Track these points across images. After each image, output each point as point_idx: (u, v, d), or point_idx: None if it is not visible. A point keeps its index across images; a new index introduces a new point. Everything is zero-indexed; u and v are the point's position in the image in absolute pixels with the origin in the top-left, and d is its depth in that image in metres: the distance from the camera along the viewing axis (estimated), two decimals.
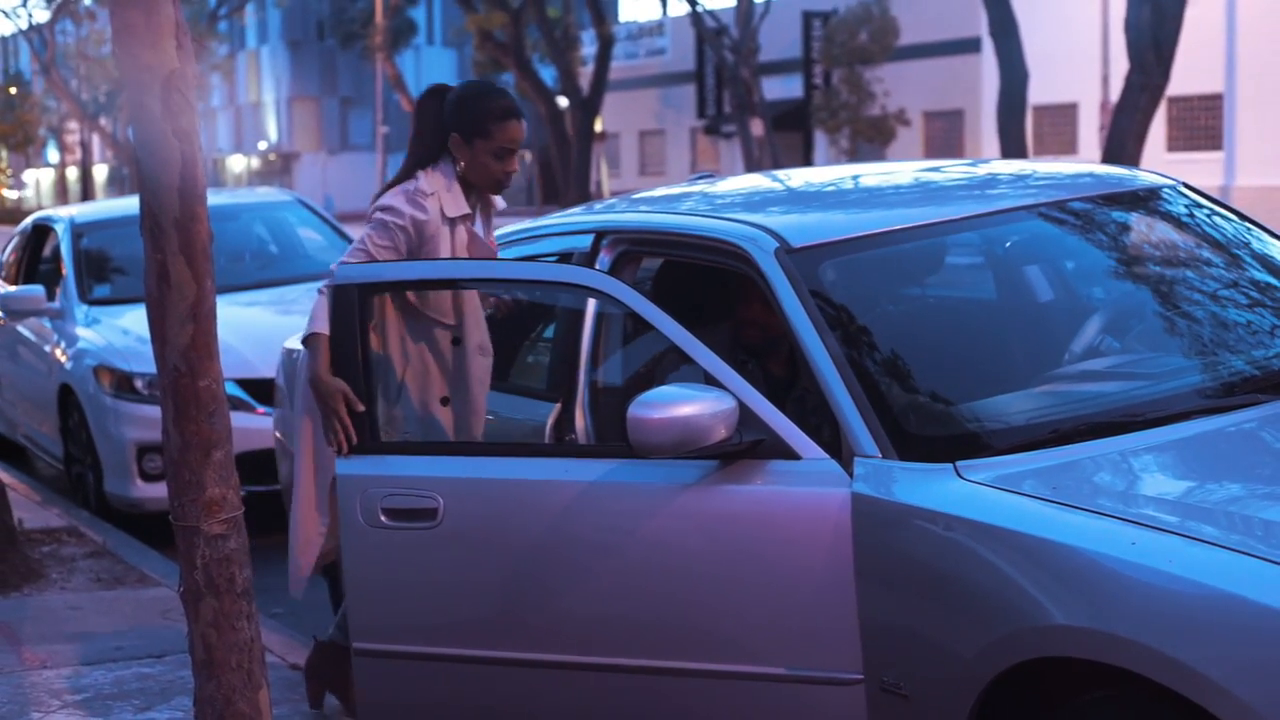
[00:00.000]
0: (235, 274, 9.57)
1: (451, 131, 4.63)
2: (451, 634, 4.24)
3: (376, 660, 4.32)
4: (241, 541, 3.91)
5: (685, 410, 3.67)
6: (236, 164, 72.25)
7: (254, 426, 7.76)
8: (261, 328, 8.43)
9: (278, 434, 6.10)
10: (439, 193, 4.61)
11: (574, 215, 5.22)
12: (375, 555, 4.26)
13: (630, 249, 4.65)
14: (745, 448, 3.75)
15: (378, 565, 4.27)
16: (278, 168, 68.50)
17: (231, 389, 7.43)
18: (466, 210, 4.65)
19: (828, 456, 3.69)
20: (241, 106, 71.44)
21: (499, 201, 4.84)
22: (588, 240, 4.78)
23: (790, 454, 3.73)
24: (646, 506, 3.92)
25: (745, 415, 3.76)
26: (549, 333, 5.09)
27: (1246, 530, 3.14)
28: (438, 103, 4.70)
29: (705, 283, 4.69)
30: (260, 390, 7.91)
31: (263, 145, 69.85)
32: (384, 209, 4.58)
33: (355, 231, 5.95)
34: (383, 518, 4.23)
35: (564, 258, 4.86)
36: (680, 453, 3.71)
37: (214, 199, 4.69)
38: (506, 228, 5.43)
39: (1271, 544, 3.05)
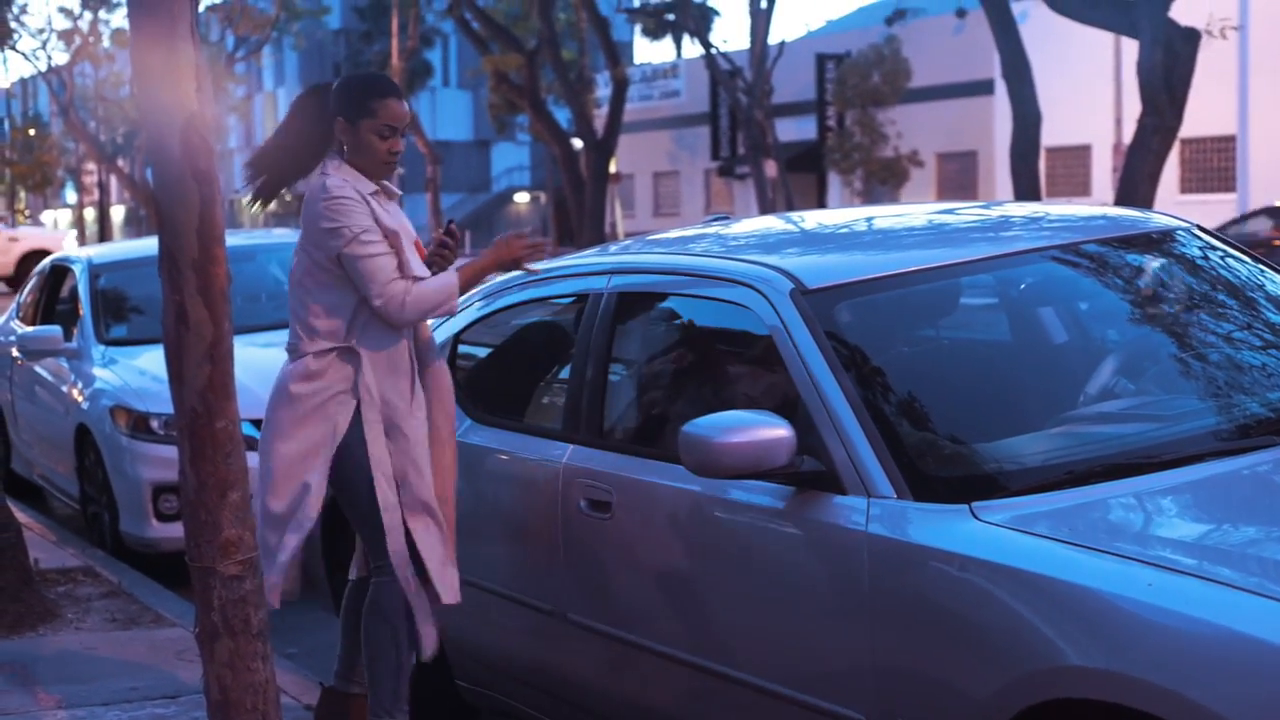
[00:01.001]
0: (252, 314, 9.58)
1: (336, 118, 4.67)
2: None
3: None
4: (257, 583, 3.92)
5: (756, 435, 3.76)
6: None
7: None
8: (278, 369, 8.44)
9: None
10: (340, 173, 4.63)
11: (589, 256, 5.25)
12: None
13: (645, 290, 4.68)
14: (804, 477, 3.84)
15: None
16: (294, 209, 68.66)
17: (248, 429, 7.44)
18: (373, 186, 4.67)
19: (864, 494, 3.73)
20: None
21: (393, 187, 4.81)
22: (603, 281, 4.81)
23: (840, 488, 3.78)
24: (707, 516, 4.14)
25: (813, 445, 3.84)
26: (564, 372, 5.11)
27: (1263, 572, 3.14)
28: (317, 100, 4.76)
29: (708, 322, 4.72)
30: None
31: None
32: (329, 204, 4.56)
33: None
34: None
35: (579, 300, 4.89)
36: (739, 475, 3.81)
37: (231, 240, 4.73)
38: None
39: None
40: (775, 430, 3.79)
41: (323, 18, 55.77)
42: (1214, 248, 4.81)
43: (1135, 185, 18.73)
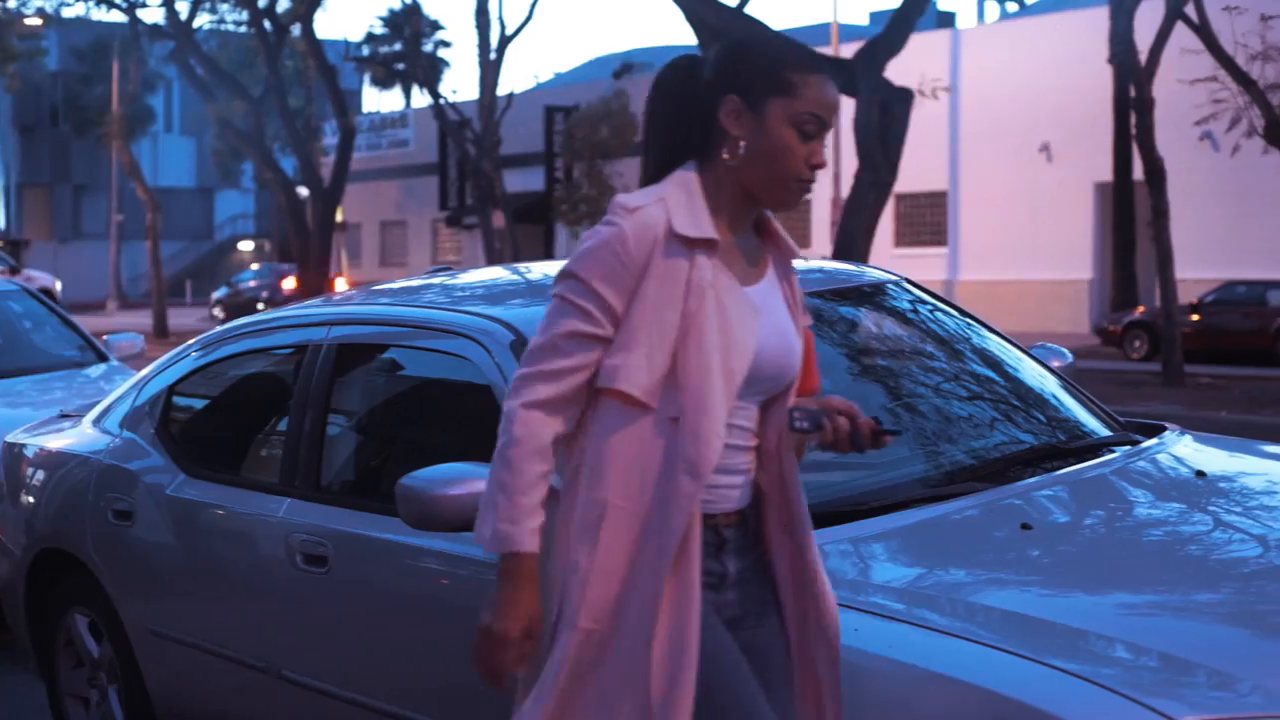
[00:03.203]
0: None
1: (726, 94, 2.96)
2: None
3: None
4: None
5: (474, 487, 3.66)
6: None
7: None
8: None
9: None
10: (665, 200, 2.94)
11: (311, 306, 5.18)
12: None
13: (365, 341, 4.65)
14: None
15: None
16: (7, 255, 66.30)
17: None
18: (710, 233, 2.92)
19: None
20: None
21: (785, 238, 3.13)
22: (323, 332, 4.75)
23: None
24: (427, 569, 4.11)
25: None
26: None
27: (968, 616, 3.24)
28: (687, 77, 3.04)
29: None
30: None
31: None
32: (564, 275, 2.97)
33: (86, 322, 5.78)
34: None
35: (299, 350, 4.83)
36: (457, 528, 3.73)
37: None
38: (241, 319, 5.37)
39: (991, 628, 3.15)
40: None
41: (40, 59, 54.13)
42: (923, 301, 4.98)
43: (852, 239, 19.29)
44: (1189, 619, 3.29)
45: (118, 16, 43.07)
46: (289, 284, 41.78)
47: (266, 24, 37.20)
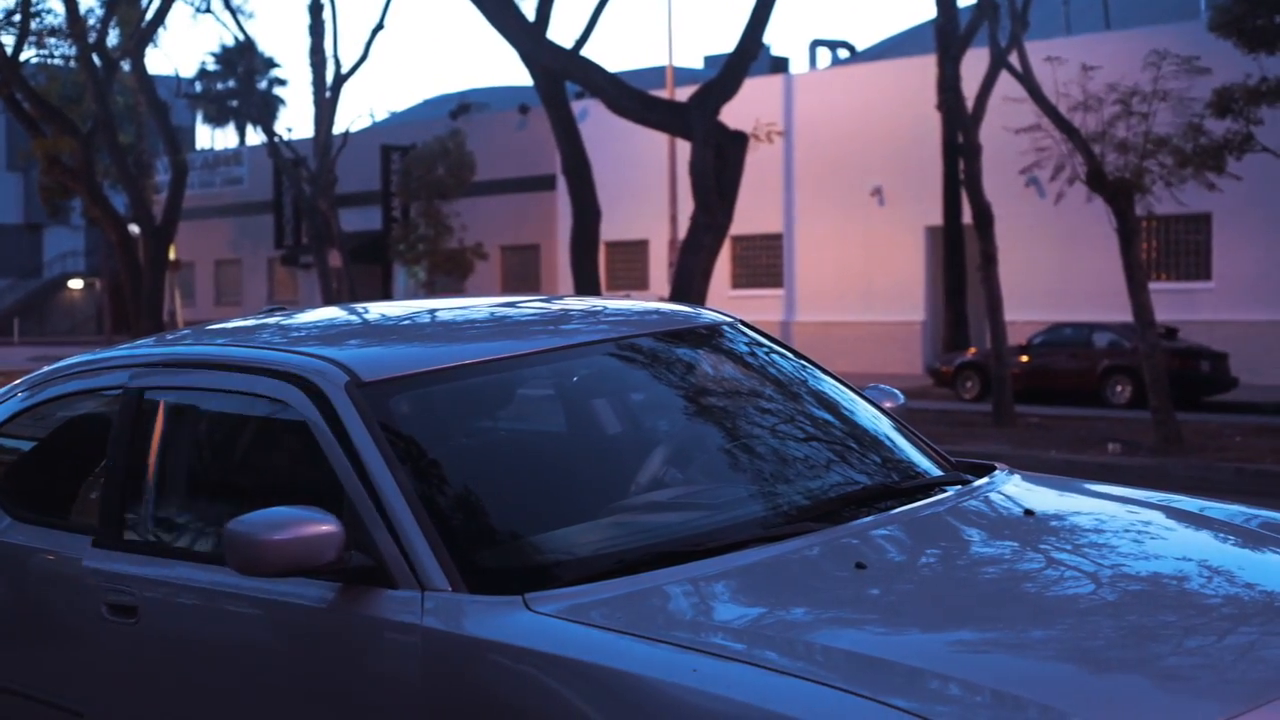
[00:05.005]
0: None
1: None
2: None
3: None
4: None
5: (301, 531, 3.65)
6: None
7: None
8: None
9: None
10: None
11: (142, 346, 5.08)
12: None
13: (185, 385, 4.58)
14: (353, 572, 3.77)
15: None
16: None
17: None
18: None
19: (417, 587, 3.69)
20: None
21: None
22: (140, 375, 4.67)
23: (391, 583, 3.73)
24: (248, 616, 3.98)
25: (361, 540, 3.77)
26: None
27: (808, 655, 3.26)
28: None
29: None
30: None
31: None
32: None
33: None
34: None
35: (124, 392, 4.73)
36: (287, 573, 3.71)
37: None
38: (71, 358, 5.25)
39: (828, 668, 3.17)
40: (322, 526, 3.73)
41: None
42: (759, 343, 5.03)
43: (690, 280, 19.41)
44: (1022, 656, 3.33)
45: None
46: None
47: (96, 58, 36.57)
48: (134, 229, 38.78)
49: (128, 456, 4.59)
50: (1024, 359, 27.71)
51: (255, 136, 54.01)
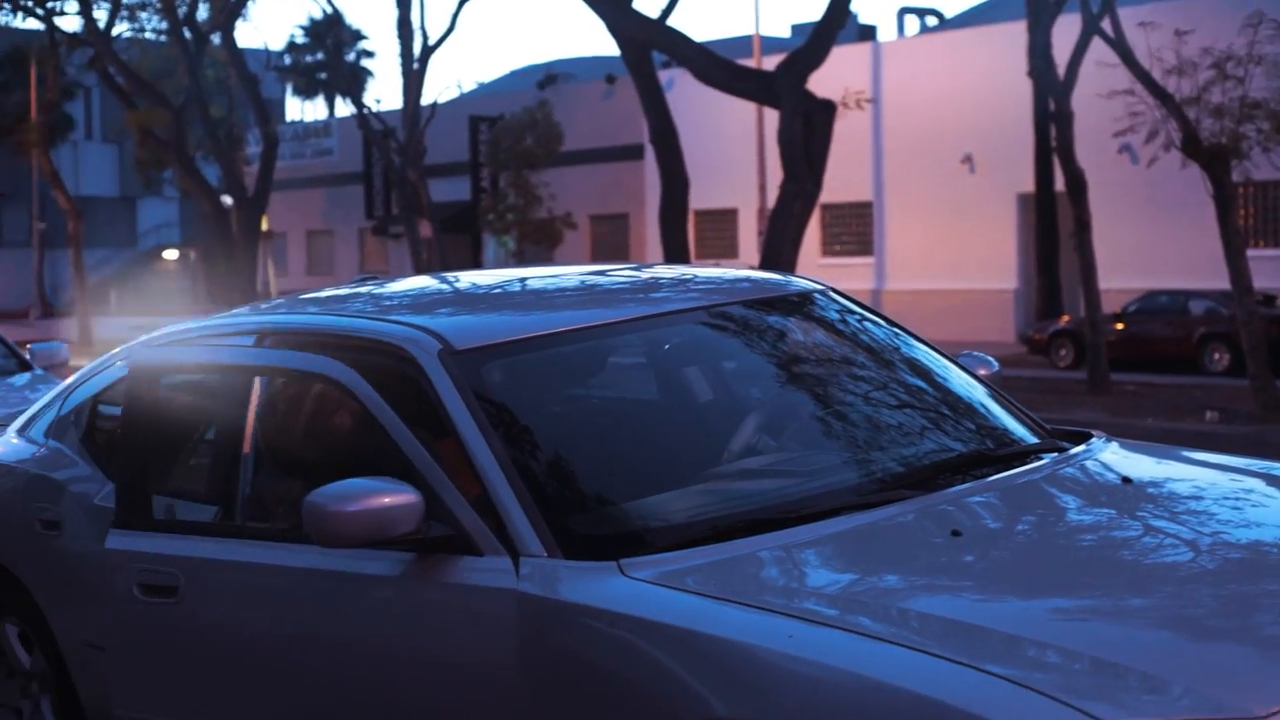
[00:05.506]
0: None
1: None
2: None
3: None
4: None
5: (375, 503, 3.68)
6: None
7: None
8: None
9: None
10: None
11: (237, 316, 5.13)
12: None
13: (282, 359, 4.60)
14: (433, 541, 3.78)
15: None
16: None
17: None
18: None
19: (505, 554, 3.71)
20: None
21: None
22: (250, 341, 4.70)
23: (475, 550, 3.74)
24: (341, 594, 3.99)
25: (438, 510, 3.78)
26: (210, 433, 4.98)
27: (901, 621, 3.25)
28: None
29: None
30: None
31: None
32: None
33: (9, 331, 5.70)
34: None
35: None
36: (367, 544, 3.73)
37: None
38: (167, 328, 5.31)
39: (924, 634, 3.16)
40: (402, 496, 3.75)
41: None
42: (851, 310, 5.00)
43: (779, 248, 19.35)
44: (1121, 623, 3.30)
45: (35, 24, 42.66)
46: None
47: (186, 32, 36.92)
48: (227, 200, 39.19)
49: (225, 427, 4.63)
50: (1119, 326, 27.40)
51: (344, 108, 54.38)
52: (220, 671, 4.39)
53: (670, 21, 21.28)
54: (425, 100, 35.70)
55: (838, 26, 20.05)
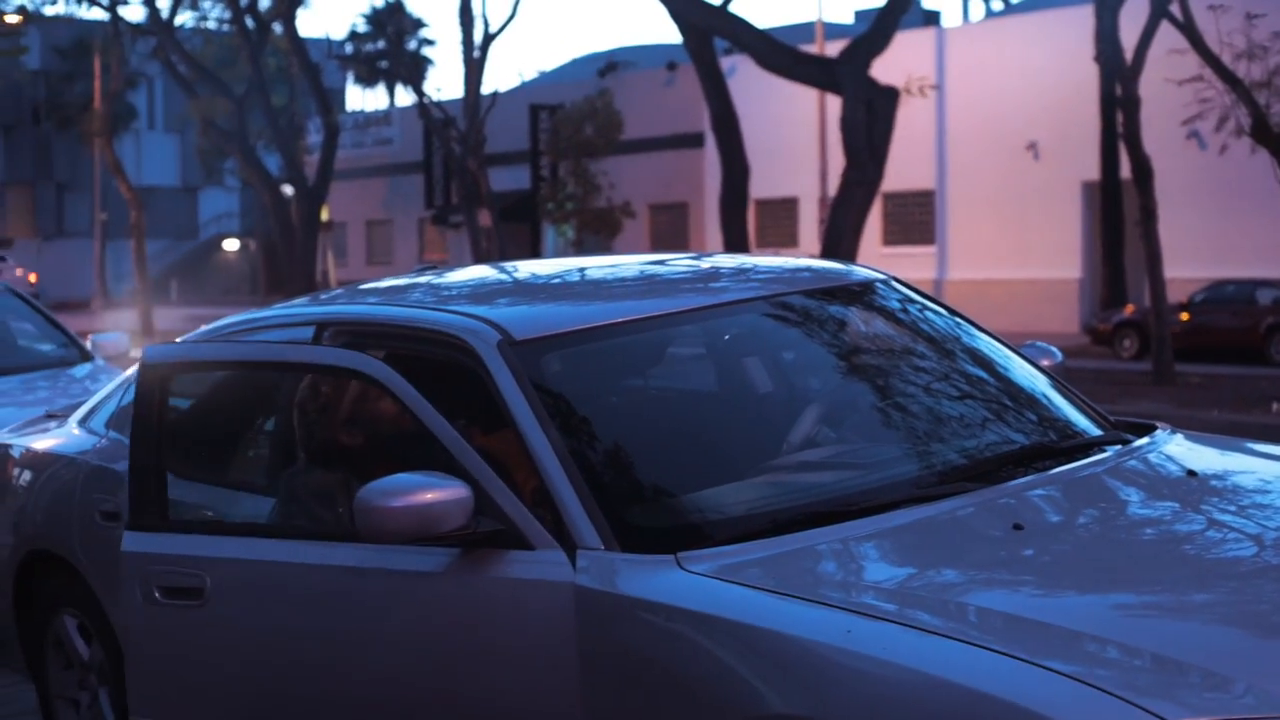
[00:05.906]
0: None
1: None
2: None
3: None
4: None
5: (424, 498, 3.65)
6: None
7: None
8: None
9: None
10: None
11: (297, 305, 5.14)
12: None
13: (353, 341, 4.59)
14: (482, 536, 3.75)
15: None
16: None
17: None
18: None
19: (558, 548, 3.69)
20: None
21: None
22: (310, 331, 4.70)
23: (526, 544, 3.73)
24: (392, 592, 3.95)
25: (485, 504, 3.76)
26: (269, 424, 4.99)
27: (960, 616, 3.22)
28: None
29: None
30: None
31: None
32: None
33: (71, 321, 5.74)
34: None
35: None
36: (416, 539, 3.70)
37: None
38: (229, 317, 5.32)
39: (984, 630, 3.13)
40: (453, 490, 3.72)
41: (21, 57, 53.99)
42: (912, 300, 4.96)
43: (840, 237, 19.29)
44: (1183, 619, 3.27)
45: (99, 14, 43.00)
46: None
47: (249, 21, 37.15)
48: (287, 190, 39.42)
49: (284, 418, 4.63)
50: (1184, 316, 27.15)
51: (405, 97, 54.64)
52: (255, 674, 4.34)
53: (732, 7, 21.23)
54: (486, 89, 35.79)
55: (901, 12, 19.95)
